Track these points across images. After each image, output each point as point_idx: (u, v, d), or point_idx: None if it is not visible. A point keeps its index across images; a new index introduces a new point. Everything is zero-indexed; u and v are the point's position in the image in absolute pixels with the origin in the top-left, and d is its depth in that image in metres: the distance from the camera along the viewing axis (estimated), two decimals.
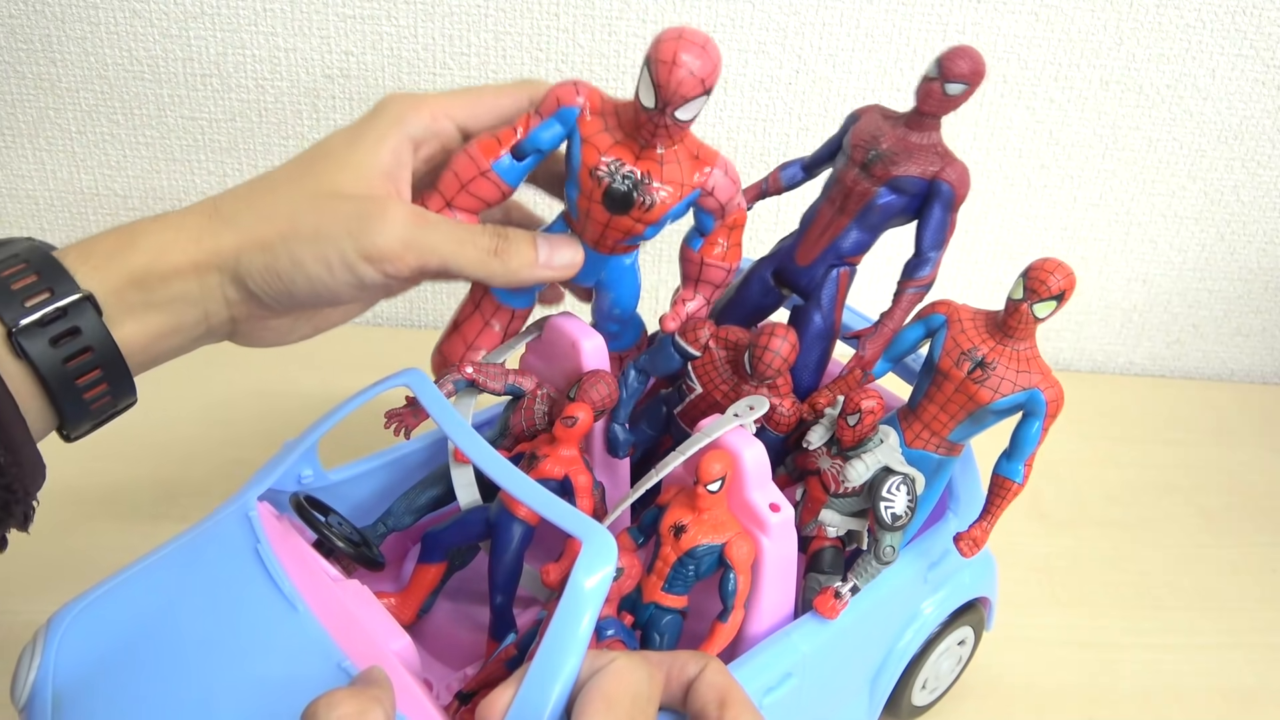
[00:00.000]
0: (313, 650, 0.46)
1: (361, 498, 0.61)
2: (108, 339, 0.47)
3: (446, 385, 0.56)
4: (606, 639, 0.48)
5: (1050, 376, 0.51)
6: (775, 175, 0.59)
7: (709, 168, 0.52)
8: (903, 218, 0.55)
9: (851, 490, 0.52)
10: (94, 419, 0.49)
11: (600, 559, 0.43)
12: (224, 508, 0.53)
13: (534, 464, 0.54)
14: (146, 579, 0.50)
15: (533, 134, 0.52)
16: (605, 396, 0.55)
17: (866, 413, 0.51)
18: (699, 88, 0.47)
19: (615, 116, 0.51)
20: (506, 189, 0.53)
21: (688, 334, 0.57)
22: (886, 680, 0.57)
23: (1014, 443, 0.52)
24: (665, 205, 0.51)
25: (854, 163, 0.54)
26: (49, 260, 0.47)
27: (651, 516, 0.53)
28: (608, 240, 0.54)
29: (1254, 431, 0.93)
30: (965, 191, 0.54)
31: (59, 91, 0.87)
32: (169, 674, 0.46)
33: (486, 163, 0.52)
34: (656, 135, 0.50)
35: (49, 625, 0.48)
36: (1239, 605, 0.75)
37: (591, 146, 0.51)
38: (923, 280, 0.55)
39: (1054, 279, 0.49)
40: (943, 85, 0.51)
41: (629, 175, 0.50)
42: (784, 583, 0.52)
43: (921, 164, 0.53)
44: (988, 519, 0.53)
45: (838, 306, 0.57)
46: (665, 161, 0.51)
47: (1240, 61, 0.87)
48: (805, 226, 0.57)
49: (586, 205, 0.52)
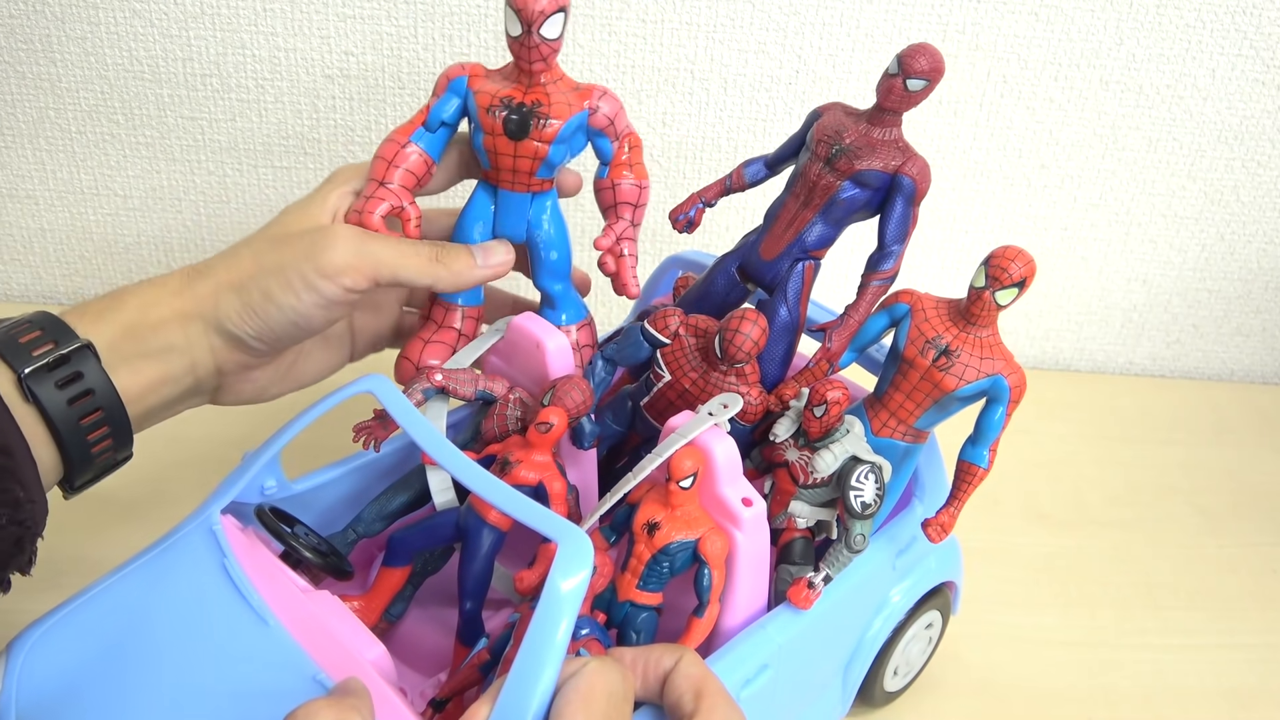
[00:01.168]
0: (286, 664, 0.46)
1: (327, 506, 0.60)
2: (108, 383, 0.52)
3: (415, 394, 0.55)
4: (581, 638, 0.47)
5: (1013, 363, 0.52)
6: (739, 171, 0.60)
7: (590, 94, 0.59)
8: (866, 212, 0.56)
9: (820, 481, 0.53)
10: (96, 470, 0.53)
11: (577, 561, 0.43)
12: (187, 523, 0.53)
13: (507, 469, 0.53)
14: (110, 598, 0.50)
15: (434, 109, 0.59)
16: (580, 404, 0.55)
17: (832, 403, 0.51)
18: (553, 4, 0.55)
19: (498, 73, 0.59)
20: (429, 159, 0.60)
21: (657, 321, 0.57)
22: (859, 668, 0.58)
23: (978, 428, 0.52)
24: (559, 121, 0.58)
25: (818, 158, 0.56)
26: (52, 318, 0.53)
27: (624, 514, 0.53)
28: (520, 172, 0.59)
29: (1254, 431, 0.93)
30: (926, 186, 0.55)
31: (59, 91, 0.87)
32: (138, 695, 0.45)
33: (404, 139, 0.59)
34: (533, 62, 0.57)
35: (9, 649, 0.48)
36: (1239, 605, 0.75)
37: (483, 93, 0.58)
38: (886, 273, 0.55)
39: (1015, 266, 0.50)
40: (904, 81, 0.53)
41: (521, 104, 0.57)
42: (758, 576, 0.52)
43: (884, 158, 0.54)
44: (955, 504, 0.53)
45: (803, 300, 0.58)
46: (550, 91, 0.58)
47: (1240, 61, 0.87)
48: (770, 221, 0.58)
49: (492, 143, 0.58)
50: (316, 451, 0.62)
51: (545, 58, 0.57)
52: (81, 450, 0.51)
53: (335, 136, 0.89)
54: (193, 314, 0.55)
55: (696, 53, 0.86)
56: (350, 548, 0.57)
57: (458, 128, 0.61)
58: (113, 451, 0.53)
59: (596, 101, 0.58)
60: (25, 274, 0.96)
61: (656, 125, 0.89)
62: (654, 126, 0.89)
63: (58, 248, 0.95)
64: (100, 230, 0.94)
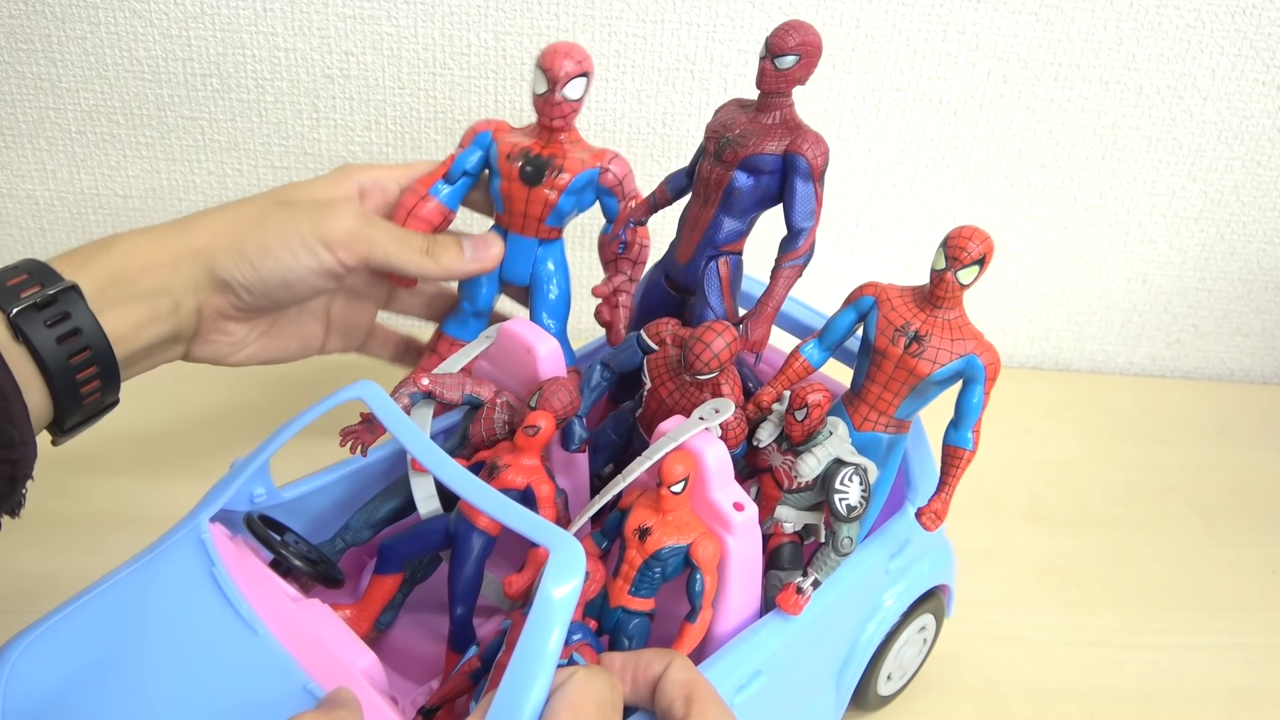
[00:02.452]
0: (276, 673, 0.45)
1: (317, 513, 0.59)
2: (95, 324, 0.53)
3: (402, 399, 0.55)
4: (574, 643, 0.47)
5: (984, 341, 0.52)
6: (661, 187, 0.61)
7: (603, 155, 0.64)
8: (769, 199, 0.56)
9: (805, 485, 0.53)
10: (85, 413, 0.54)
11: (569, 568, 0.42)
12: (175, 531, 0.52)
13: (495, 473, 0.53)
14: (98, 607, 0.49)
15: (458, 160, 0.65)
16: (567, 405, 0.54)
17: (813, 406, 0.51)
18: (577, 69, 0.61)
19: (521, 130, 0.65)
20: (446, 210, 0.66)
21: (650, 329, 0.57)
22: (852, 673, 0.58)
23: (959, 411, 0.52)
24: (572, 174, 0.63)
25: (708, 153, 0.57)
26: (38, 264, 0.54)
27: (615, 520, 0.53)
28: (531, 218, 0.65)
29: (1254, 431, 0.93)
30: (822, 160, 0.55)
31: (59, 91, 0.87)
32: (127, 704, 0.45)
33: (425, 190, 0.65)
34: (554, 119, 0.62)
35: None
36: (1239, 605, 0.75)
37: (505, 144, 0.64)
38: (797, 254, 0.55)
39: (972, 244, 0.50)
40: (771, 61, 0.53)
41: (539, 155, 0.63)
42: (750, 581, 0.52)
43: (773, 140, 0.54)
44: (945, 490, 0.53)
45: (725, 295, 0.58)
46: (567, 147, 0.63)
47: (1240, 61, 0.87)
48: (680, 226, 0.60)
49: (508, 187, 0.64)
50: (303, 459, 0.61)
51: (565, 116, 0.62)
52: (71, 390, 0.53)
53: (335, 136, 0.89)
54: (183, 256, 0.58)
55: (696, 53, 0.86)
56: (339, 556, 0.57)
57: (479, 178, 0.67)
58: (100, 393, 0.54)
59: (608, 163, 0.64)
60: None
61: (656, 125, 0.89)
62: (654, 126, 0.89)
63: (58, 247, 0.94)
64: (100, 230, 0.94)
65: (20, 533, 0.70)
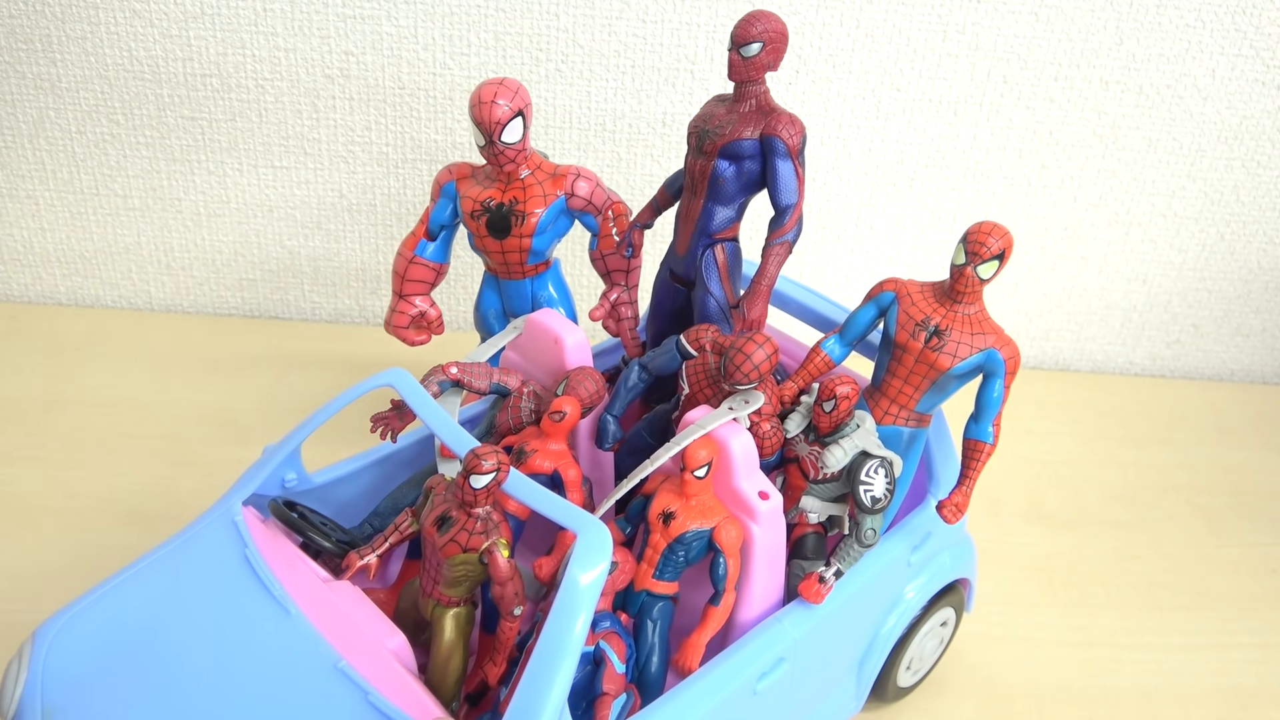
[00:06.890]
0: (308, 652, 0.46)
1: (347, 499, 0.60)
2: None
3: (431, 386, 0.56)
4: (602, 630, 0.48)
5: (1004, 335, 0.53)
6: (661, 190, 0.63)
7: (565, 178, 0.64)
8: (754, 184, 0.58)
9: (830, 476, 0.53)
10: None
11: (596, 553, 0.43)
12: (208, 514, 0.53)
13: (523, 459, 0.54)
14: (133, 588, 0.50)
15: (432, 216, 0.66)
16: (593, 394, 0.56)
17: (842, 398, 0.52)
18: (509, 112, 0.60)
19: (481, 172, 0.65)
20: (437, 265, 0.67)
21: (691, 334, 0.57)
22: (873, 663, 0.58)
23: (979, 405, 0.53)
24: (536, 215, 0.63)
25: (691, 148, 0.58)
26: None
27: (639, 505, 0.54)
28: (513, 264, 0.65)
29: (1254, 431, 0.93)
30: (798, 138, 0.56)
31: (59, 91, 0.87)
32: (163, 682, 0.46)
33: (410, 253, 0.67)
34: (503, 165, 0.62)
35: (34, 637, 0.48)
36: (1239, 605, 0.75)
37: (467, 198, 0.64)
38: (783, 232, 0.57)
39: (992, 240, 0.50)
40: (737, 51, 0.55)
41: (500, 204, 0.63)
42: (773, 570, 0.53)
43: (749, 126, 0.56)
44: (966, 483, 0.54)
45: (724, 281, 0.59)
46: (527, 184, 0.63)
47: (1240, 61, 0.87)
48: (676, 221, 0.61)
49: (481, 242, 0.65)
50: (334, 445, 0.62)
51: (514, 158, 0.62)
52: None
53: (335, 136, 0.89)
54: None
55: (696, 53, 0.86)
56: (368, 540, 0.58)
57: (458, 226, 0.67)
58: None
59: (570, 186, 0.64)
60: (25, 274, 0.96)
61: (656, 125, 0.89)
62: (654, 126, 0.89)
63: (58, 248, 0.95)
64: (100, 230, 0.94)
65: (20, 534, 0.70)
